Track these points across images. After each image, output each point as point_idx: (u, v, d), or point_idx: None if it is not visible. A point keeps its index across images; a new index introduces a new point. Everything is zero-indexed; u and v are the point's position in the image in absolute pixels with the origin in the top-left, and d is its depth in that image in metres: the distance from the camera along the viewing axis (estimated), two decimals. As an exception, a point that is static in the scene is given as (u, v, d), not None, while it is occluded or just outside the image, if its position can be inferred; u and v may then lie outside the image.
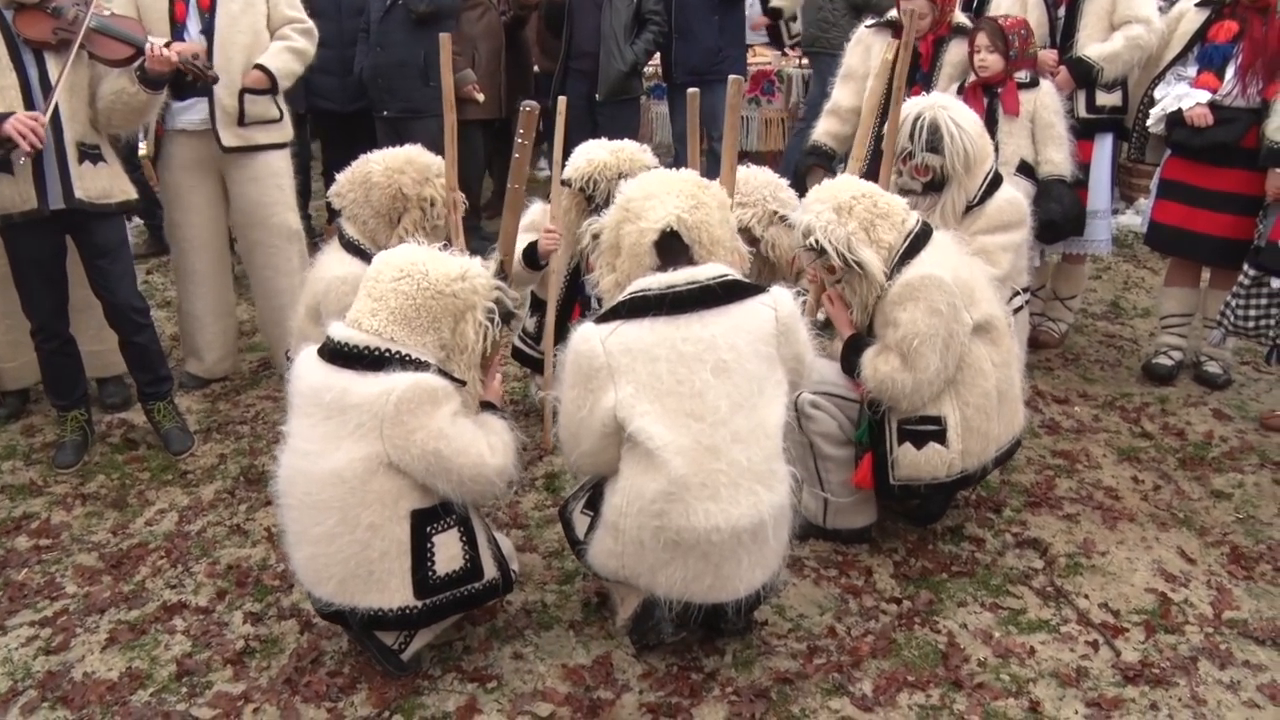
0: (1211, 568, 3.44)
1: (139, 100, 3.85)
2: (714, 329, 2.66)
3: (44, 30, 3.65)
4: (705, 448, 2.62)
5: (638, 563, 2.72)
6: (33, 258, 3.91)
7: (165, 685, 2.93)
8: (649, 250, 2.80)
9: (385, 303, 2.66)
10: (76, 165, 3.81)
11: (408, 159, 3.61)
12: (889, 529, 3.60)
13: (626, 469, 2.70)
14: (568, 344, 2.75)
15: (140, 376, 4.26)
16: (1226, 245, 4.45)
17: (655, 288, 2.70)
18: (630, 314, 2.69)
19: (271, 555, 3.50)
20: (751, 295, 2.75)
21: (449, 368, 2.73)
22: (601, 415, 2.67)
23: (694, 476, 2.61)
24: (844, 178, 3.37)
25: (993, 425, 3.28)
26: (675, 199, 2.82)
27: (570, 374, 2.72)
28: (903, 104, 3.69)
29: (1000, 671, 2.95)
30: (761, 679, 2.91)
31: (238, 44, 4.41)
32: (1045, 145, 4.45)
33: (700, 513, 2.61)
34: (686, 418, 2.62)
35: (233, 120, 4.44)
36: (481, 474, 2.68)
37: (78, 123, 3.82)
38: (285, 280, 4.65)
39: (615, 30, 5.90)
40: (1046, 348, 5.15)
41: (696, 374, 2.63)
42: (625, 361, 2.64)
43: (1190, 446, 4.23)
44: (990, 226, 3.70)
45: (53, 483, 4.03)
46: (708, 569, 2.69)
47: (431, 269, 2.69)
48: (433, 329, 2.69)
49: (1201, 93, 4.37)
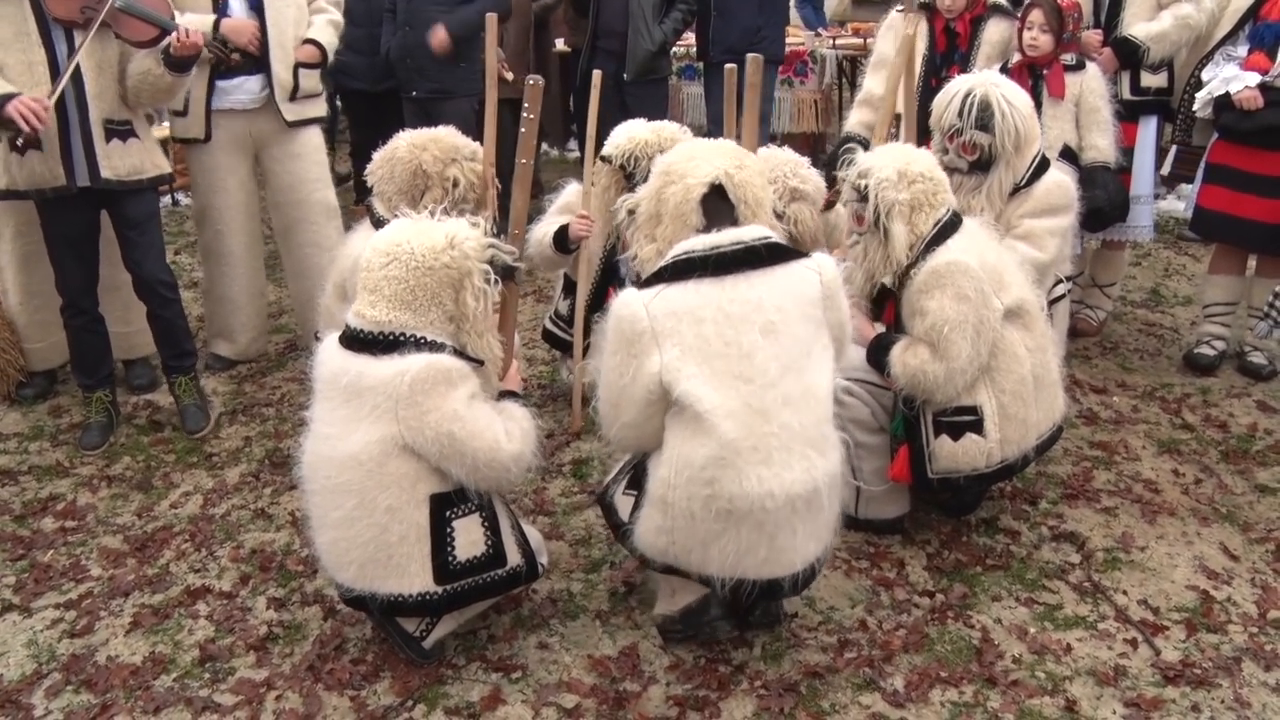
0: (1256, 565, 3.34)
1: (164, 82, 3.83)
2: (760, 290, 2.58)
3: (72, 9, 3.64)
4: (755, 410, 2.54)
5: (689, 537, 2.62)
6: (64, 234, 3.92)
7: (188, 670, 2.92)
8: (695, 208, 2.71)
9: (381, 292, 2.61)
10: (104, 144, 3.80)
11: (434, 137, 3.56)
12: (921, 520, 3.53)
13: (672, 437, 2.61)
14: (608, 313, 2.68)
15: (165, 350, 4.27)
16: (1275, 231, 4.33)
17: (699, 249, 2.62)
18: (674, 277, 2.60)
19: (295, 540, 3.48)
20: (795, 259, 2.68)
21: (462, 340, 2.68)
22: (646, 381, 2.58)
23: (745, 440, 2.53)
24: (922, 152, 3.28)
25: (1031, 412, 3.20)
26: (720, 158, 2.77)
27: (612, 340, 2.64)
28: (916, 84, 3.65)
29: (1035, 669, 2.88)
30: (791, 672, 2.86)
31: (288, 18, 4.45)
32: (1090, 130, 4.34)
33: (753, 478, 2.52)
34: (735, 379, 2.54)
35: (287, 95, 4.47)
36: (496, 459, 2.63)
37: (105, 100, 3.81)
38: (323, 258, 4.62)
39: (644, 8, 5.81)
40: (1085, 336, 5.04)
41: (744, 335, 2.55)
42: (670, 324, 2.56)
43: (1233, 439, 4.12)
44: (1037, 210, 3.61)
45: (79, 464, 4.03)
46: (762, 539, 2.59)
47: (417, 245, 2.62)
48: (434, 304, 2.63)
49: (1251, 75, 4.24)
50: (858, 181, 3.16)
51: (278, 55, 4.41)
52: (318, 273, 4.59)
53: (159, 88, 3.85)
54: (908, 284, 3.13)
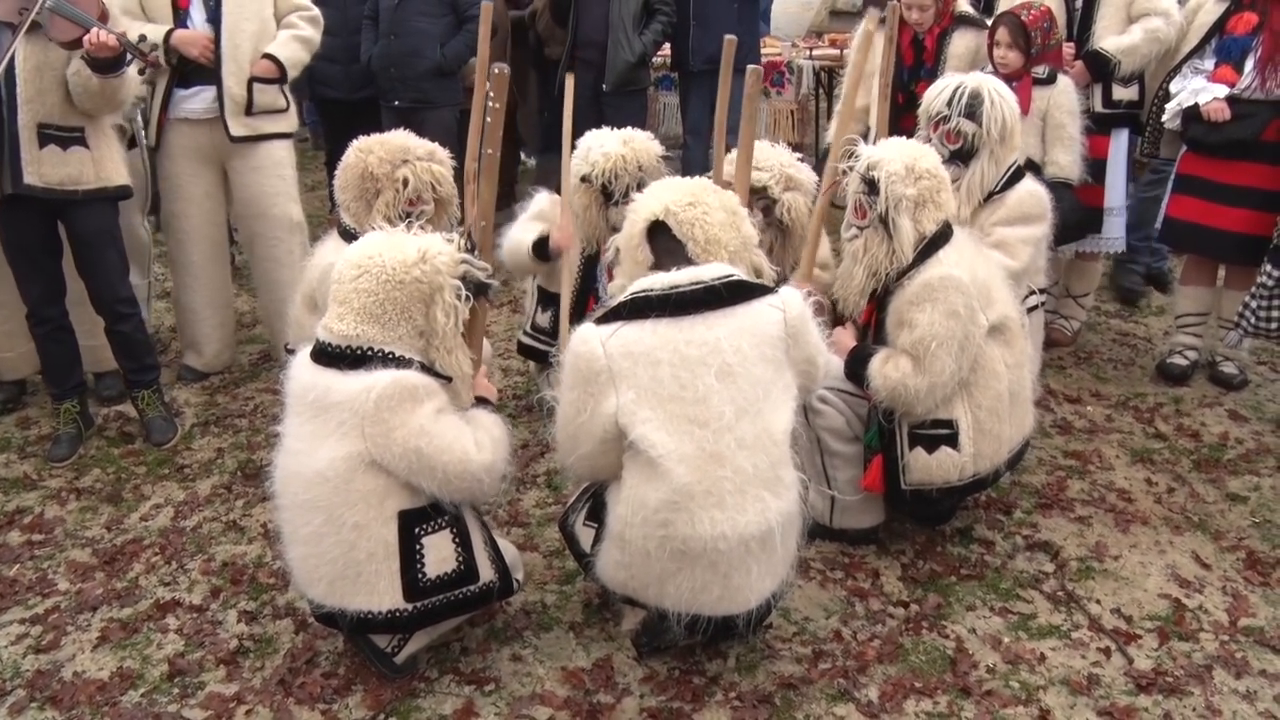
0: (1227, 573, 3.36)
1: (92, 84, 3.73)
2: (718, 331, 2.57)
3: (9, 9, 3.62)
4: (709, 454, 2.54)
5: (645, 573, 2.65)
6: (16, 242, 3.87)
7: (157, 685, 2.88)
8: (641, 244, 2.74)
9: (350, 305, 2.59)
10: (35, 149, 3.73)
11: (381, 140, 3.50)
12: (897, 530, 3.53)
13: (629, 477, 2.62)
14: (568, 344, 2.68)
15: (125, 364, 4.23)
16: (1244, 241, 4.35)
17: (658, 288, 2.61)
18: (631, 315, 2.60)
19: (267, 552, 3.45)
20: (759, 296, 2.66)
21: (431, 355, 2.65)
22: (602, 421, 2.59)
23: (698, 484, 2.54)
24: (929, 149, 3.28)
25: (1005, 427, 3.21)
26: (670, 194, 2.78)
27: (570, 376, 2.64)
28: (882, 93, 3.72)
29: (1010, 678, 2.88)
30: (765, 684, 2.85)
31: (245, 32, 4.37)
32: (1053, 146, 4.35)
33: (705, 520, 2.54)
34: (689, 424, 2.55)
35: (241, 109, 4.39)
36: (467, 470, 2.61)
37: (41, 104, 3.73)
38: (287, 272, 4.59)
39: (624, 19, 5.81)
40: (1059, 346, 5.06)
41: (700, 378, 2.54)
42: (626, 365, 2.55)
43: (1205, 448, 4.15)
44: (1010, 218, 3.62)
45: (47, 476, 3.98)
46: (716, 579, 2.61)
47: (388, 258, 2.59)
48: (404, 319, 2.60)
49: (1219, 87, 4.28)
50: (867, 173, 3.14)
51: (230, 69, 4.31)
52: (281, 286, 4.56)
53: (90, 90, 3.75)
54: (897, 292, 3.12)
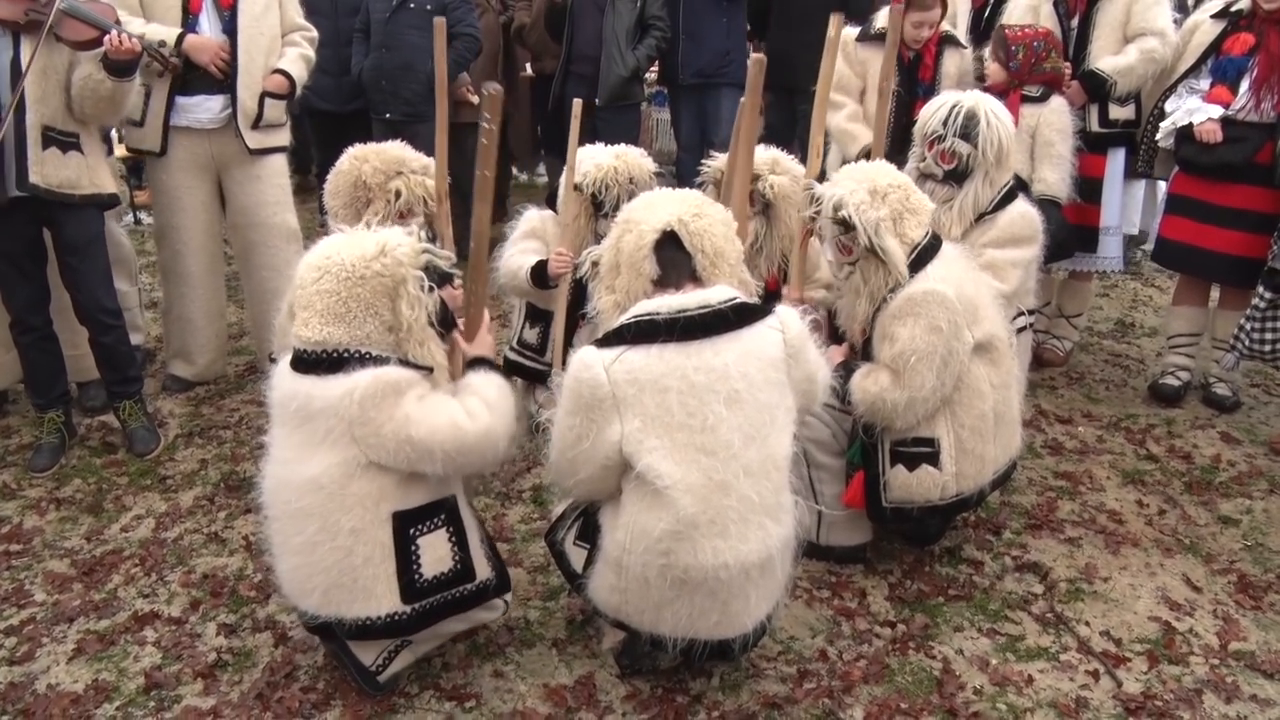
0: (1218, 596, 3.33)
1: (105, 88, 3.74)
2: (726, 357, 2.52)
3: (16, 10, 3.59)
4: (716, 484, 2.50)
5: (642, 600, 2.60)
6: (3, 249, 3.84)
7: (132, 698, 2.84)
8: (649, 256, 2.66)
9: (314, 309, 2.55)
10: (39, 150, 3.72)
11: (377, 150, 3.49)
12: (885, 549, 3.50)
13: (630, 504, 2.56)
14: (567, 367, 2.61)
15: (108, 375, 4.20)
16: (1237, 263, 4.35)
17: (664, 311, 2.54)
18: (636, 339, 2.53)
19: (249, 565, 3.41)
20: (760, 318, 2.61)
21: (404, 350, 2.60)
22: (605, 449, 2.53)
23: (703, 515, 2.49)
24: (879, 163, 3.28)
25: (988, 448, 3.19)
26: (678, 205, 2.73)
27: (570, 401, 2.57)
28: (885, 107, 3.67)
29: (997, 700, 2.85)
30: (749, 703, 2.81)
31: (260, 46, 4.39)
32: (1041, 163, 4.34)
33: (709, 550, 2.49)
34: (697, 452, 2.49)
35: (250, 122, 4.40)
36: (464, 443, 2.56)
37: (47, 106, 3.73)
38: (282, 281, 4.55)
39: (617, 34, 5.81)
40: (1051, 366, 5.05)
41: (709, 406, 2.49)
42: (632, 392, 2.49)
43: (1197, 470, 4.12)
44: (1001, 240, 3.60)
45: (27, 486, 3.93)
46: (715, 605, 2.57)
47: (347, 256, 2.55)
48: (370, 316, 2.55)
49: (1213, 107, 4.28)
50: (836, 214, 3.10)
51: (244, 81, 4.33)
52: (275, 295, 4.51)
53: (100, 94, 3.75)
54: (883, 307, 3.10)
